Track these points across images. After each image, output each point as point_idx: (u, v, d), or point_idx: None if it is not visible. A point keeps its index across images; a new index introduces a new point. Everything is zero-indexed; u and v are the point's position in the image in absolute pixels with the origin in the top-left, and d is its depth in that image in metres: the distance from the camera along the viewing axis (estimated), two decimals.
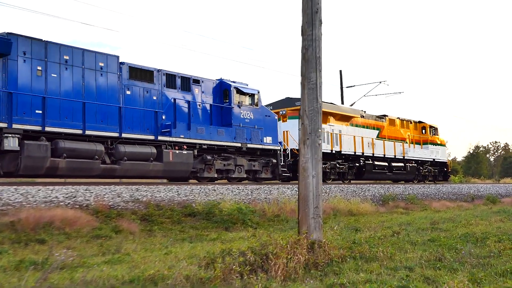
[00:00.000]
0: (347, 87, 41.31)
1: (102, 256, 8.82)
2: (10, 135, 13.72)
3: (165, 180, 19.49)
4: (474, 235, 11.15)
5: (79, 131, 15.22)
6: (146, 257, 8.45)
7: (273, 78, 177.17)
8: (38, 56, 14.76)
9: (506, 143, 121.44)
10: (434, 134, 35.50)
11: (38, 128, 14.35)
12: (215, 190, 16.45)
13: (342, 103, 39.38)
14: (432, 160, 34.87)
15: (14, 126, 13.84)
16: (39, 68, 14.74)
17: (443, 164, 36.27)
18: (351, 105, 38.16)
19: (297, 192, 10.37)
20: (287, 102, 25.71)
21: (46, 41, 14.96)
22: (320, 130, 8.77)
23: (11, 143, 13.73)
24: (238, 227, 13.40)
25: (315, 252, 7.79)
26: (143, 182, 16.60)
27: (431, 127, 35.17)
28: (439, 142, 35.96)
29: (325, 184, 22.16)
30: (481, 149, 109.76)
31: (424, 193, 27.21)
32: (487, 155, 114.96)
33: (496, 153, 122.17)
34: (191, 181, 19.61)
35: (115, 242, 10.33)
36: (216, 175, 19.41)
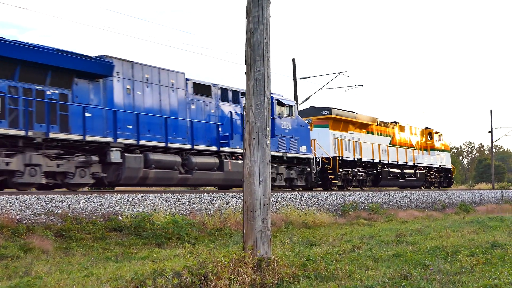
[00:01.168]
0: (301, 78, 41.70)
1: (8, 280, 8.58)
2: (114, 148, 18.08)
3: (86, 189, 19.88)
4: (444, 248, 11.45)
5: (163, 144, 19.80)
6: (61, 281, 8.28)
7: (215, 65, 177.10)
8: (127, 75, 19.11)
9: (481, 144, 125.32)
10: (439, 140, 41.94)
11: (134, 142, 18.88)
12: (145, 200, 16.30)
13: (296, 97, 39.82)
14: (438, 166, 41.34)
15: (118, 140, 18.31)
16: (128, 87, 19.16)
17: (448, 170, 42.88)
18: (306, 99, 38.74)
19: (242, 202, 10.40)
20: (312, 111, 31.07)
21: (132, 61, 19.34)
22: (268, 129, 8.81)
23: (116, 156, 18.10)
24: (173, 243, 13.31)
25: (262, 271, 7.82)
26: (59, 191, 16.28)
27: (436, 133, 41.38)
28: (443, 148, 42.57)
29: (277, 192, 22.37)
30: (453, 150, 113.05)
31: (389, 201, 27.83)
32: (460, 157, 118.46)
33: (470, 155, 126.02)
34: (118, 188, 22.15)
35: (24, 263, 10.08)
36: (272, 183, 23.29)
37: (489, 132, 69.80)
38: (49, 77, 17.18)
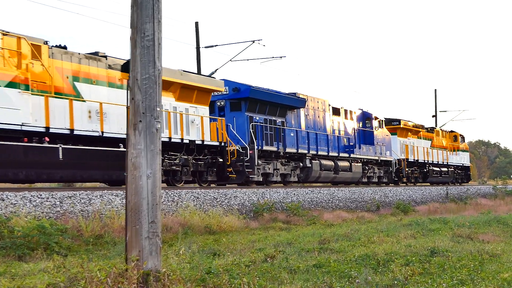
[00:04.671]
0: (206, 47, 41.63)
1: None
2: (307, 157, 33.99)
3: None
4: (375, 256, 11.79)
5: (326, 153, 36.20)
6: None
7: (97, 28, 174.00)
8: (305, 105, 35.25)
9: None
10: (462, 142, 60.36)
11: (315, 152, 34.84)
12: (3, 200, 15.85)
13: (199, 69, 39.82)
14: (461, 164, 59.78)
15: (311, 152, 34.40)
16: (306, 113, 35.35)
17: (467, 167, 61.73)
18: (213, 73, 38.77)
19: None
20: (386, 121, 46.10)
21: (307, 95, 35.47)
22: (159, 109, 8.75)
23: (308, 162, 33.84)
24: (38, 254, 13.04)
25: None
26: None
27: (460, 135, 59.64)
28: (464, 149, 61.28)
29: (210, 188, 22.92)
30: None
31: (313, 200, 28.31)
32: None
33: None
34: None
35: None
36: (370, 180, 42.13)
37: (433, 116, 72.17)
38: (278, 111, 32.75)
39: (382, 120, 43.55)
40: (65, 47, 20.67)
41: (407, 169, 47.06)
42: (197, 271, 9.55)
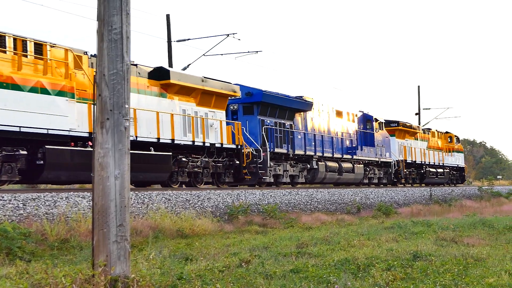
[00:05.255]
0: (178, 41, 41.53)
1: None
2: (314, 159, 36.66)
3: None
4: (356, 261, 11.83)
5: (331, 155, 38.77)
6: None
7: (59, 20, 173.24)
8: (312, 108, 37.95)
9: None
10: (457, 143, 64.00)
11: (321, 154, 37.58)
12: None
13: (170, 63, 40.05)
14: (457, 165, 63.32)
15: (317, 154, 37.15)
16: (311, 116, 37.91)
17: (462, 168, 65.35)
18: (185, 68, 38.75)
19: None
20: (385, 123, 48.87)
21: (313, 98, 38.10)
22: (127, 106, 8.71)
23: (314, 164, 36.56)
24: (0, 260, 12.92)
25: None
26: None
27: (455, 136, 63.30)
28: (459, 150, 64.77)
29: (182, 190, 22.99)
30: None
31: (291, 202, 28.34)
32: None
33: None
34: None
35: None
36: (371, 181, 45.23)
37: (416, 114, 72.57)
38: (287, 114, 35.26)
39: (382, 122, 46.76)
40: (94, 55, 22.02)
41: (405, 170, 50.11)
42: (168, 277, 9.53)
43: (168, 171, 25.39)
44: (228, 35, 39.75)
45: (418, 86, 74.15)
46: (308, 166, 36.43)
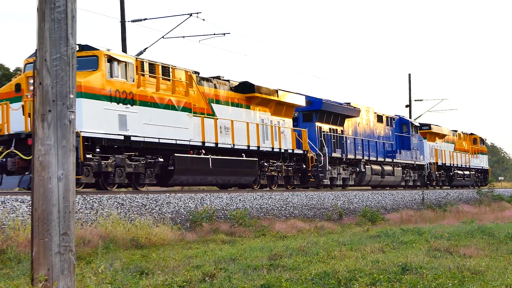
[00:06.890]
0: (133, 21, 41.42)
1: None
2: (362, 162, 45.30)
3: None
4: (336, 275, 11.84)
5: (375, 159, 47.17)
6: None
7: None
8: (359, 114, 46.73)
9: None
10: (482, 144, 72.83)
11: (367, 158, 46.13)
12: None
13: (124, 47, 40.44)
14: (481, 167, 71.85)
15: (365, 158, 45.77)
16: (358, 121, 46.28)
17: (486, 170, 73.42)
18: (141, 52, 38.74)
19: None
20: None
21: (358, 104, 46.51)
22: (72, 96, 8.60)
23: (362, 167, 45.17)
24: None
25: None
26: None
27: (480, 138, 72.23)
28: (484, 151, 73.65)
29: (138, 193, 22.90)
30: None
31: (263, 207, 28.21)
32: None
33: None
34: None
35: None
36: (407, 183, 52.98)
37: (407, 106, 72.97)
38: (339, 120, 42.35)
39: (417, 126, 55.31)
40: (198, 73, 30.10)
41: (436, 172, 58.08)
42: None
43: (255, 175, 32.45)
44: (191, 14, 39.65)
45: (409, 75, 75.07)
46: (357, 169, 44.34)
